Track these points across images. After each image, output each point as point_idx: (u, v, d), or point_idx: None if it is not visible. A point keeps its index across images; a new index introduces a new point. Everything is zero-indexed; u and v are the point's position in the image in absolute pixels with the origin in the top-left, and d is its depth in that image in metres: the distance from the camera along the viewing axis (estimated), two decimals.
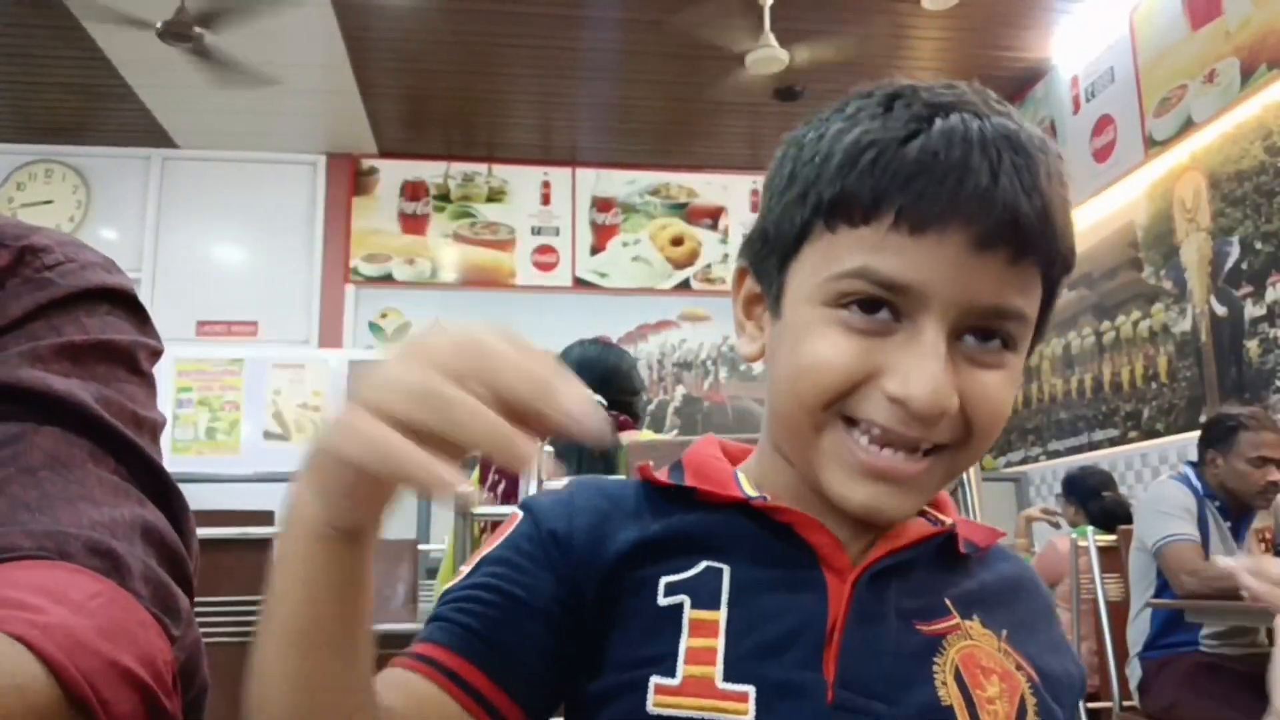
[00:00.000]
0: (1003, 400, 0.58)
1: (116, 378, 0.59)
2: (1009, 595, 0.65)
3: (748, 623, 0.57)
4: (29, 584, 0.44)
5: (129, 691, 0.43)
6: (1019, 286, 0.56)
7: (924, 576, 0.62)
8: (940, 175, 0.54)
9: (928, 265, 0.54)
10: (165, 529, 0.54)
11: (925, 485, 0.59)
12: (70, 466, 0.52)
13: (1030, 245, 0.55)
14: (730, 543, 0.60)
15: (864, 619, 0.58)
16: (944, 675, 0.57)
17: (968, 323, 0.56)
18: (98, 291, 0.61)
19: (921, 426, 0.55)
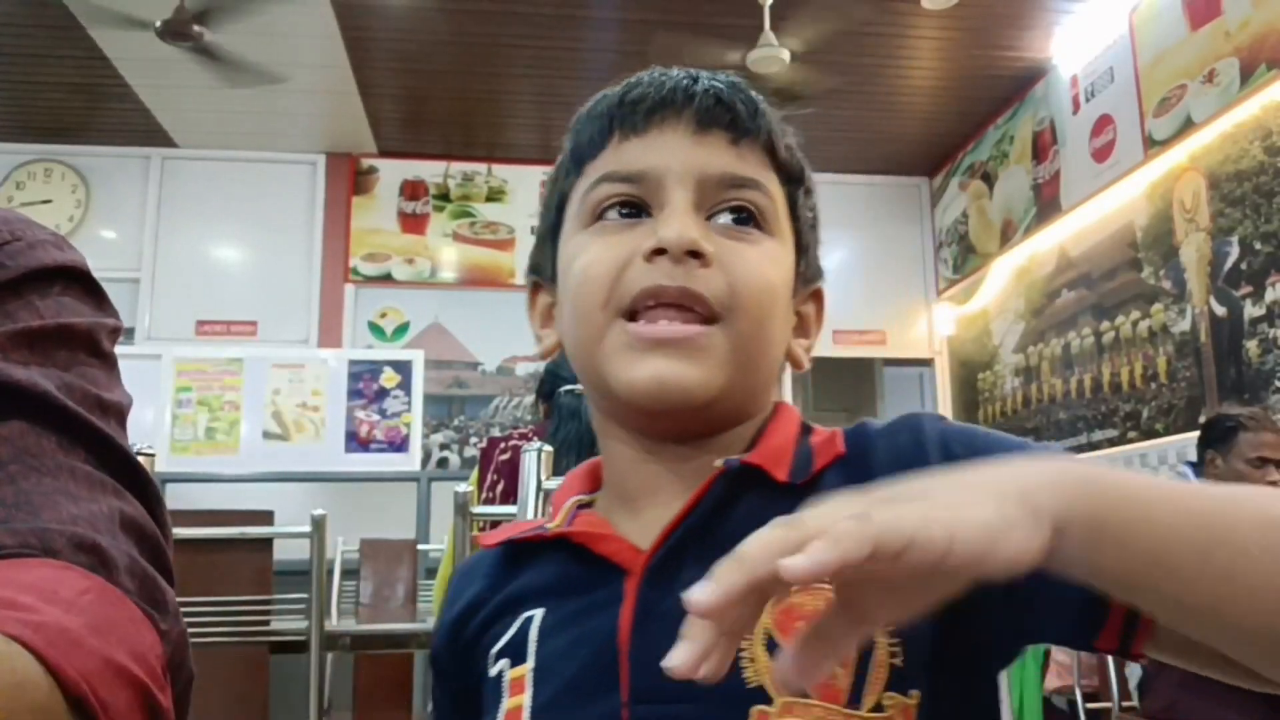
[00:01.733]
0: (762, 269, 0.58)
1: (77, 362, 0.57)
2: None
3: (552, 664, 0.56)
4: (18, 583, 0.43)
5: (125, 688, 0.43)
6: (748, 160, 0.60)
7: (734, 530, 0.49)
8: (646, 88, 0.61)
9: (656, 151, 0.59)
10: (144, 520, 0.53)
11: (709, 353, 0.56)
12: (41, 460, 0.51)
13: (744, 125, 0.60)
14: (546, 583, 0.60)
15: (650, 616, 0.54)
16: (751, 648, 0.51)
17: (712, 197, 0.59)
18: (49, 271, 0.58)
19: (682, 272, 0.56)
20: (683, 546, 0.56)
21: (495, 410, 5.95)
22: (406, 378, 5.29)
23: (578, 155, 0.63)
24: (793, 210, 0.63)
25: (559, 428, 1.98)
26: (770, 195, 0.60)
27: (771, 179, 0.61)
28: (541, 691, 0.55)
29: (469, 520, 1.60)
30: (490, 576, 0.64)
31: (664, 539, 0.56)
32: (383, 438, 5.26)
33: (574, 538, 0.59)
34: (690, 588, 0.47)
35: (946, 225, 6.34)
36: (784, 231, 0.62)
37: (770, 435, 0.61)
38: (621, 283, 0.58)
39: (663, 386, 0.56)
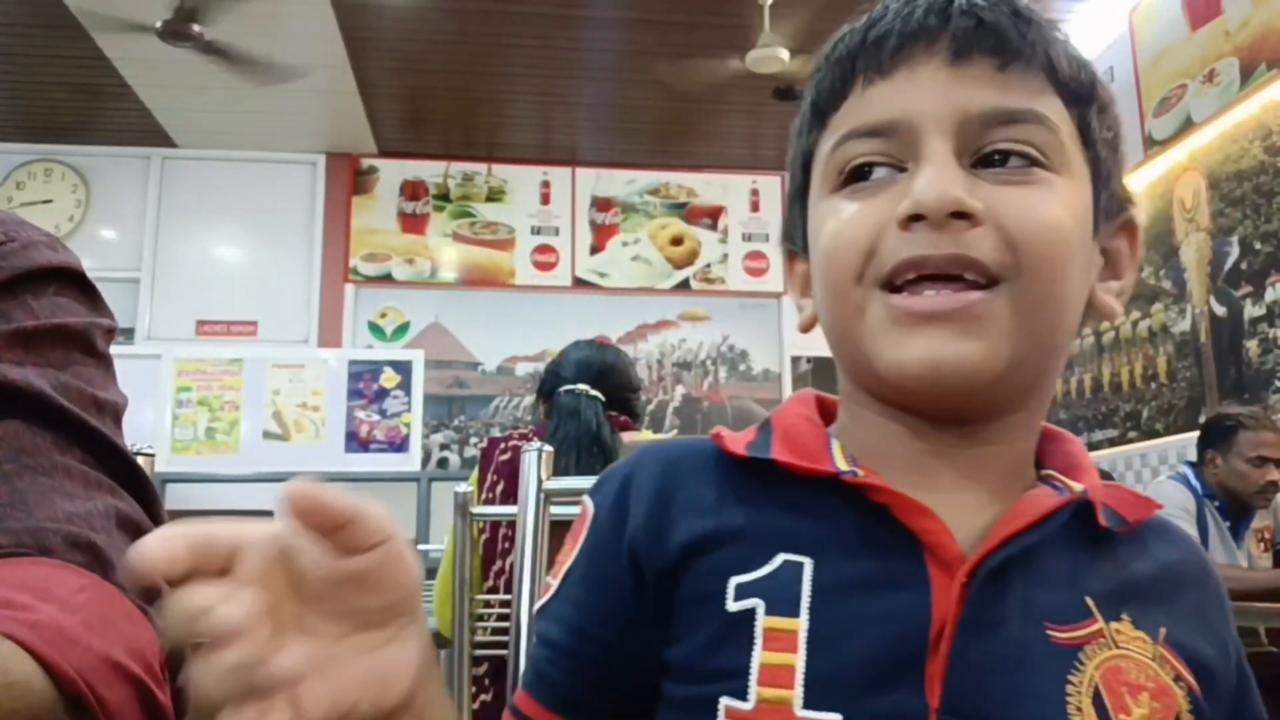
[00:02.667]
0: (1048, 214, 0.49)
1: (73, 361, 0.57)
2: (1170, 583, 0.52)
3: (834, 633, 0.48)
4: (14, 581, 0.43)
5: (122, 685, 0.43)
6: (1020, 89, 0.50)
7: (1057, 564, 0.50)
8: (891, 19, 0.52)
9: (906, 95, 0.51)
10: (140, 517, 0.53)
11: (989, 323, 0.48)
12: (37, 459, 0.51)
13: (1012, 46, 0.51)
14: (815, 530, 0.51)
15: (978, 625, 0.47)
16: (1079, 698, 0.47)
17: (977, 140, 0.50)
18: (44, 271, 0.58)
19: (947, 238, 0.48)
20: (1011, 561, 0.49)
21: (495, 410, 5.95)
22: (406, 378, 5.29)
23: (818, 107, 0.56)
24: (1084, 135, 0.53)
25: (558, 427, 1.98)
26: (1052, 126, 0.51)
27: (1053, 104, 0.52)
28: (820, 659, 0.47)
29: (469, 520, 1.59)
30: (715, 485, 0.54)
31: (1000, 545, 0.49)
32: (383, 438, 5.26)
33: (878, 495, 0.50)
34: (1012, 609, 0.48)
35: None
36: (1074, 164, 0.52)
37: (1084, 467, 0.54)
38: (878, 254, 0.50)
39: (938, 369, 0.48)
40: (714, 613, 0.50)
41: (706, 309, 6.18)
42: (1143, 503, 0.54)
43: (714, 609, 0.50)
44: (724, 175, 6.27)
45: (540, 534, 1.22)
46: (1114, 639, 0.49)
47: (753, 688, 0.47)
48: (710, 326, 6.18)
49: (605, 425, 1.98)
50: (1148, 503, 0.54)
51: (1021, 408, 0.54)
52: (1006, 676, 0.47)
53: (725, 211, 6.31)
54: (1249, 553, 2.69)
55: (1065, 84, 0.52)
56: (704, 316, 6.18)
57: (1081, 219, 0.52)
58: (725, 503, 0.53)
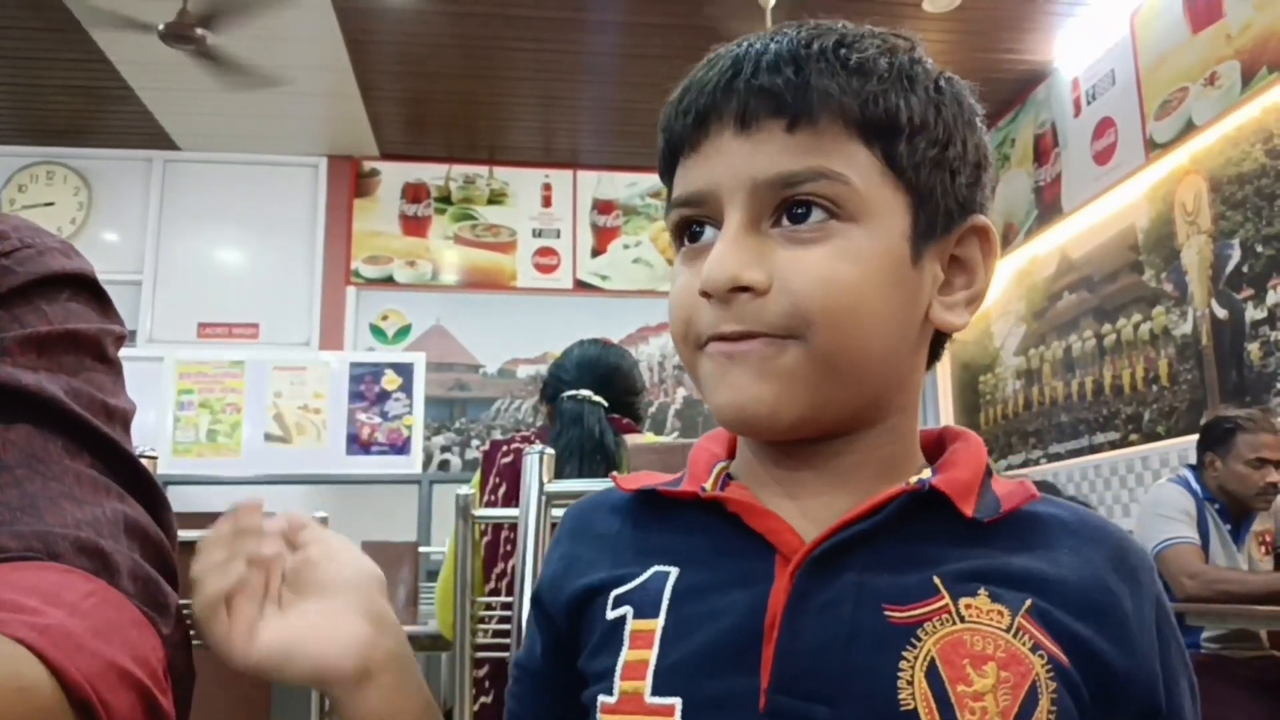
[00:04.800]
0: (832, 273, 0.52)
1: (84, 367, 0.57)
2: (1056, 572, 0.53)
3: (685, 628, 0.53)
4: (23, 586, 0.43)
5: (127, 691, 0.43)
6: (808, 148, 0.52)
7: (902, 550, 0.53)
8: (693, 93, 0.56)
9: (709, 168, 0.55)
10: (147, 523, 0.53)
11: (786, 371, 0.52)
12: (47, 463, 0.51)
13: (793, 107, 0.52)
14: (684, 543, 0.57)
15: (806, 609, 0.51)
16: (912, 671, 0.49)
17: (768, 203, 0.53)
18: (57, 278, 0.59)
19: (734, 312, 0.53)
20: (848, 547, 0.53)
21: (497, 413, 5.95)
22: (408, 380, 5.29)
23: (661, 172, 0.60)
24: (892, 165, 0.54)
25: (561, 434, 1.98)
26: (841, 177, 0.53)
27: (848, 151, 0.53)
28: (670, 652, 0.53)
29: (470, 523, 1.60)
30: (621, 519, 0.62)
31: (830, 534, 0.53)
32: (384, 440, 5.26)
33: (730, 505, 0.56)
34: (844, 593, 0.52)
35: None
36: (876, 205, 0.53)
37: (957, 463, 0.57)
38: (693, 323, 0.56)
39: (741, 410, 0.54)
40: (598, 624, 0.57)
41: None
42: (1017, 491, 0.56)
43: (599, 621, 0.57)
44: None
45: (542, 537, 1.22)
46: (960, 614, 0.51)
47: (617, 682, 0.54)
48: None
49: (608, 431, 1.98)
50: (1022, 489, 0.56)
51: (870, 424, 0.57)
52: (836, 655, 0.50)
53: None
54: (1250, 556, 2.68)
55: (861, 125, 0.53)
56: None
57: (884, 260, 0.54)
58: (620, 532, 0.61)
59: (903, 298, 0.55)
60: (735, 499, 0.56)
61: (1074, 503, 0.60)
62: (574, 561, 0.61)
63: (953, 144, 0.57)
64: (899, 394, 0.58)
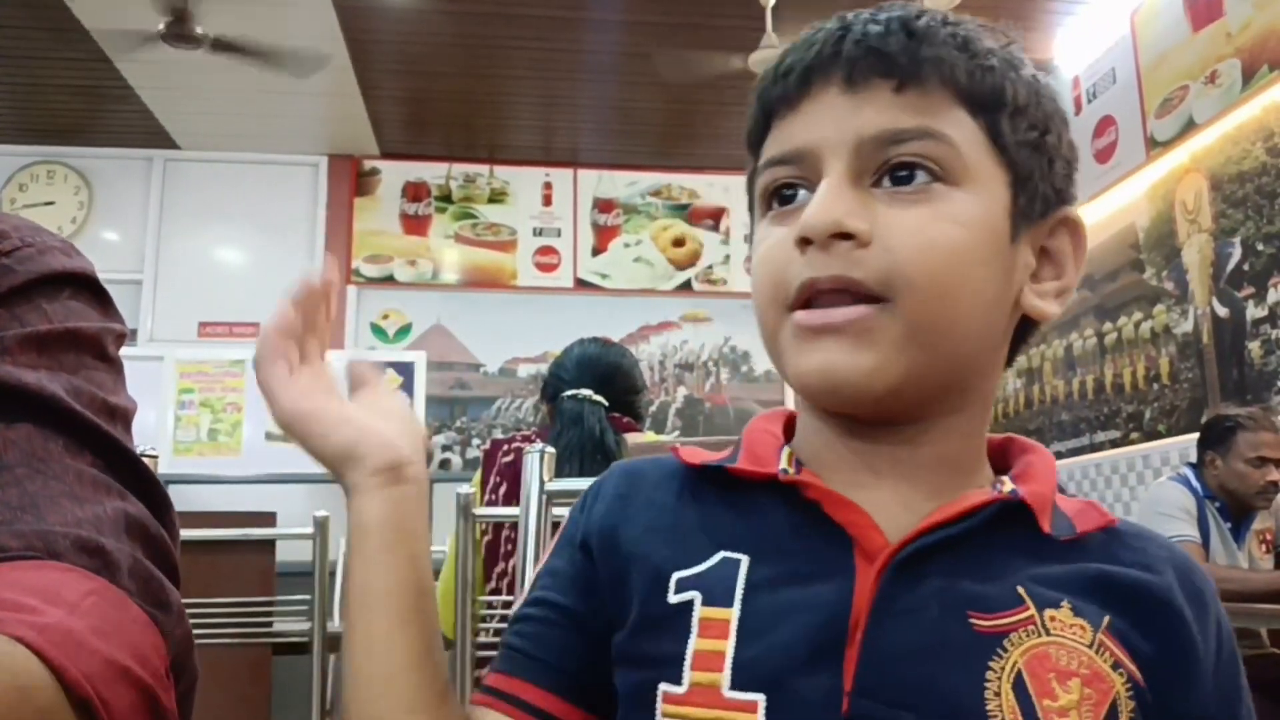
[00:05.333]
0: (932, 233, 0.51)
1: (85, 366, 0.57)
2: (1126, 587, 0.52)
3: (763, 621, 0.51)
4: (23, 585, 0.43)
5: (128, 690, 0.43)
6: (916, 108, 0.52)
7: (988, 557, 0.52)
8: (795, 54, 0.56)
9: (811, 124, 0.54)
10: (149, 521, 0.53)
11: (878, 337, 0.51)
12: (48, 462, 0.51)
13: (904, 68, 0.53)
14: (754, 528, 0.55)
15: (893, 611, 0.50)
16: (999, 683, 0.48)
17: (872, 161, 0.53)
18: (58, 276, 0.59)
19: (834, 260, 0.51)
20: (932, 551, 0.51)
21: (497, 412, 5.95)
22: (409, 379, 5.30)
23: (750, 142, 0.60)
24: (995, 141, 0.54)
25: (561, 434, 1.98)
26: (947, 140, 0.52)
27: (956, 116, 0.53)
28: (748, 646, 0.51)
29: (471, 522, 1.60)
30: (678, 492, 0.59)
31: (919, 534, 0.51)
32: None
33: (809, 492, 0.54)
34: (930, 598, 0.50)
35: None
36: (981, 173, 0.53)
37: (1036, 476, 0.55)
38: (785, 278, 0.54)
39: (829, 379, 0.52)
40: (657, 604, 0.54)
41: (708, 310, 6.18)
42: (1094, 514, 0.55)
43: (657, 601, 0.54)
44: (726, 176, 6.26)
45: (543, 535, 1.22)
46: (1045, 626, 0.50)
47: (687, 672, 0.51)
48: (712, 328, 6.18)
49: (609, 431, 1.98)
50: (1098, 514, 0.55)
51: (950, 411, 0.56)
52: (922, 662, 0.49)
53: (727, 213, 6.31)
54: (1250, 554, 2.68)
55: (969, 95, 0.54)
56: (706, 318, 6.18)
57: (985, 229, 0.53)
58: (677, 507, 0.58)
59: (999, 273, 0.55)
60: (816, 484, 0.54)
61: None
62: (628, 519, 0.58)
63: (1050, 132, 0.57)
64: (982, 382, 0.57)
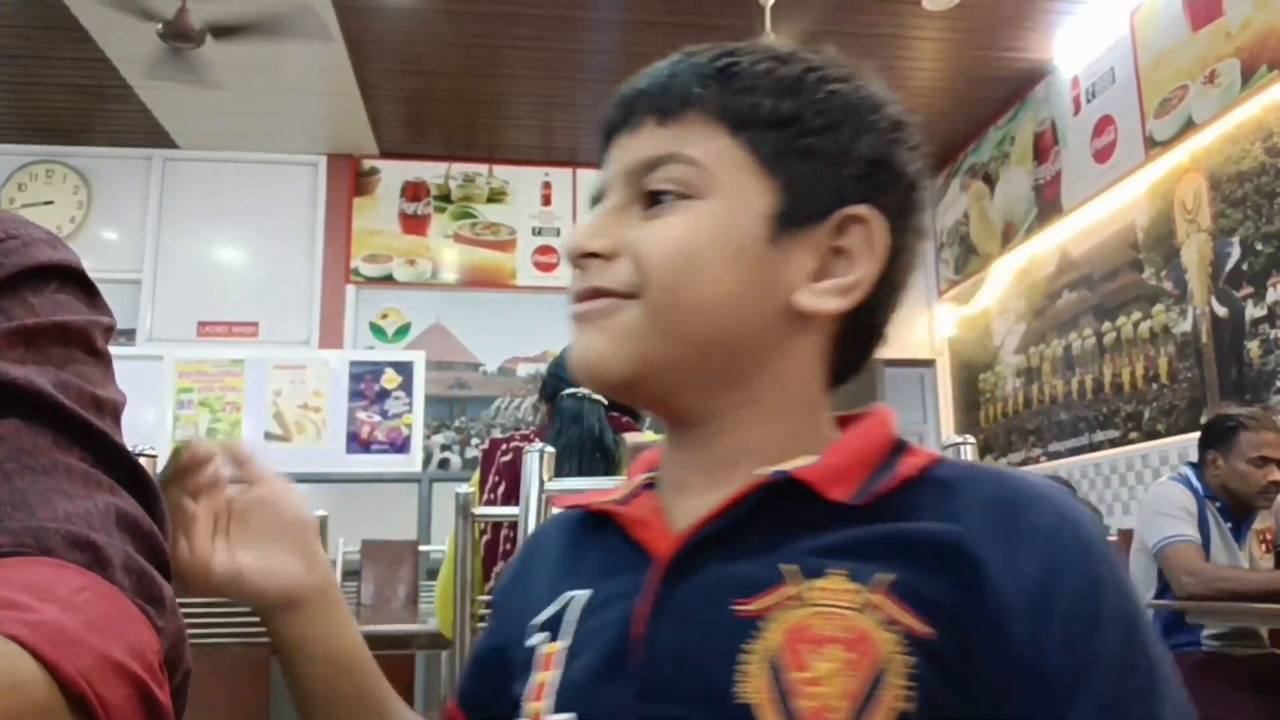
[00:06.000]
0: (668, 237, 0.57)
1: (72, 360, 0.56)
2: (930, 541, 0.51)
3: (581, 645, 0.55)
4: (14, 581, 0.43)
5: (123, 685, 0.43)
6: (673, 138, 0.58)
7: (761, 541, 0.53)
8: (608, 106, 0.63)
9: (607, 167, 0.62)
10: (140, 515, 0.53)
11: (620, 325, 0.57)
12: (37, 457, 0.51)
13: (661, 104, 0.59)
14: (599, 560, 0.60)
15: (669, 612, 0.53)
16: (752, 663, 0.48)
17: (636, 189, 0.59)
18: (44, 269, 0.58)
19: (584, 274, 0.59)
20: (708, 545, 0.54)
21: (497, 411, 5.95)
22: (408, 379, 5.30)
23: None
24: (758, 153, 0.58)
25: (560, 432, 1.97)
26: (691, 159, 0.57)
27: (708, 136, 0.58)
28: (567, 672, 0.55)
29: (470, 522, 1.60)
30: (564, 539, 0.66)
31: (690, 535, 0.54)
32: (384, 439, 5.26)
33: (618, 518, 0.59)
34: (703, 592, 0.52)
35: (948, 226, 6.34)
36: (731, 184, 0.57)
37: (840, 449, 0.56)
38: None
39: (584, 363, 0.59)
40: (522, 652, 0.60)
41: None
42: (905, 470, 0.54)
43: (522, 649, 0.60)
44: None
45: None
46: (808, 599, 0.50)
47: (527, 704, 0.57)
48: None
49: (608, 430, 1.97)
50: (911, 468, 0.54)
51: (736, 406, 0.58)
52: (692, 656, 0.51)
53: None
54: (1250, 554, 2.68)
55: (723, 115, 0.58)
56: None
57: (727, 231, 0.57)
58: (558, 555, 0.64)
59: (751, 272, 0.57)
60: (618, 510, 0.59)
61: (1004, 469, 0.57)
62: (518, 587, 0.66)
63: (831, 135, 0.59)
64: (763, 374, 0.58)
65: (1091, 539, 0.52)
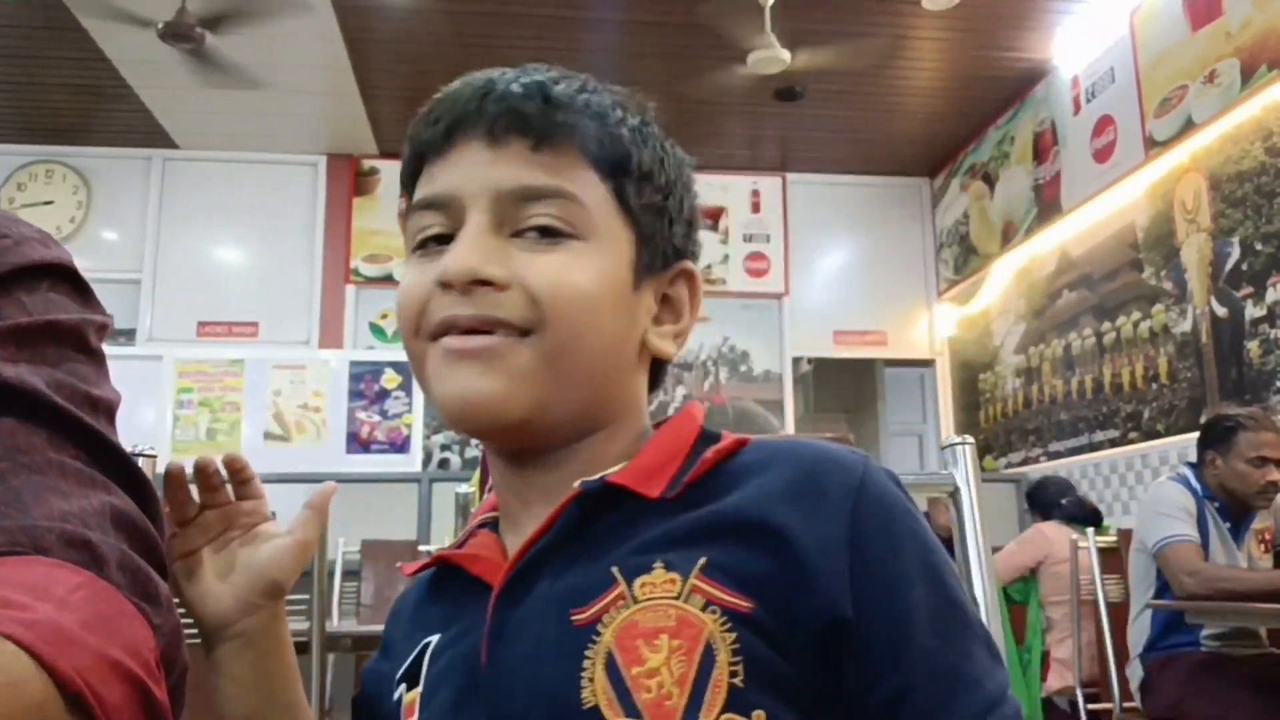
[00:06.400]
0: (567, 276, 0.56)
1: (66, 358, 0.56)
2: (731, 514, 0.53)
3: (433, 688, 0.56)
4: (10, 580, 0.43)
5: (120, 683, 0.43)
6: (549, 168, 0.57)
7: (594, 548, 0.54)
8: (444, 104, 0.60)
9: (454, 173, 0.58)
10: (135, 513, 0.53)
11: (512, 364, 0.55)
12: (31, 456, 0.51)
13: (540, 130, 0.57)
14: (440, 609, 0.60)
15: (505, 635, 0.53)
16: (593, 668, 0.49)
17: (513, 213, 0.57)
18: (36, 268, 0.58)
19: (473, 301, 0.55)
20: (538, 563, 0.54)
21: None
22: (408, 379, 5.29)
23: (403, 180, 0.63)
24: (622, 203, 0.59)
25: None
26: (578, 199, 0.57)
27: (586, 178, 0.58)
28: (424, 715, 0.56)
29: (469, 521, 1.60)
30: (417, 598, 0.66)
31: (517, 559, 0.55)
32: (384, 438, 5.27)
33: (450, 560, 0.60)
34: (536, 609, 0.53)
35: (947, 226, 6.35)
36: (607, 229, 0.58)
37: (652, 449, 0.58)
38: (425, 314, 0.57)
39: (465, 402, 0.55)
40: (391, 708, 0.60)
41: (707, 310, 6.15)
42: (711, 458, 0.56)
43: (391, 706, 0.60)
44: (724, 176, 6.27)
45: None
46: (634, 596, 0.51)
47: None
48: (711, 327, 6.18)
49: None
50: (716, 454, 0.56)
51: (590, 432, 0.59)
52: (536, 671, 0.51)
53: (726, 213, 6.31)
54: (1249, 554, 2.68)
55: (598, 159, 0.58)
56: (704, 317, 6.16)
57: (610, 277, 0.58)
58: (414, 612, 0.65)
59: (624, 317, 0.59)
60: (452, 555, 0.60)
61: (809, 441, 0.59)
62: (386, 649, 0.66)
63: (672, 197, 0.62)
64: (618, 406, 0.61)
65: (888, 495, 0.54)
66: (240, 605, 0.67)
